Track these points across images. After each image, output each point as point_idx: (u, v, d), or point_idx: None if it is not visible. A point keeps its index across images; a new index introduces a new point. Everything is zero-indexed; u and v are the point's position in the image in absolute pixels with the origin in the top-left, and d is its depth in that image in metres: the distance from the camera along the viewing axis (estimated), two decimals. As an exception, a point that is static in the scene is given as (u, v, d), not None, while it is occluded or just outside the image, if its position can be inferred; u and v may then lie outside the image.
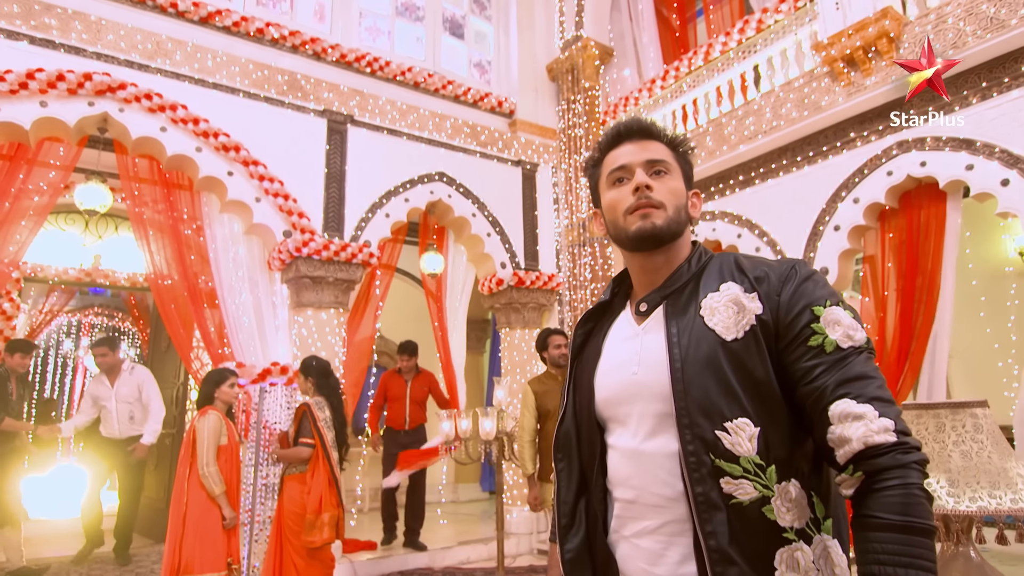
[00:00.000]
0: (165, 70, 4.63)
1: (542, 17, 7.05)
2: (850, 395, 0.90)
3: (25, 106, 4.14)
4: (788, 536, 0.92)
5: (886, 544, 0.84)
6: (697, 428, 0.95)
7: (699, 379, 0.96)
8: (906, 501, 0.85)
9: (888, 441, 0.87)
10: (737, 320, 0.98)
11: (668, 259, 1.10)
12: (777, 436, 0.94)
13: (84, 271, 6.62)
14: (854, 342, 0.94)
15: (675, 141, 1.15)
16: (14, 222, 4.53)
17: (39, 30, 4.28)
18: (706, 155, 5.26)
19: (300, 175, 5.06)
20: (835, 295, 0.99)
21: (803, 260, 1.06)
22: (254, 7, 5.33)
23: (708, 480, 0.94)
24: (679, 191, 1.10)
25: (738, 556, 0.91)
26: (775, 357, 0.97)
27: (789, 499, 0.93)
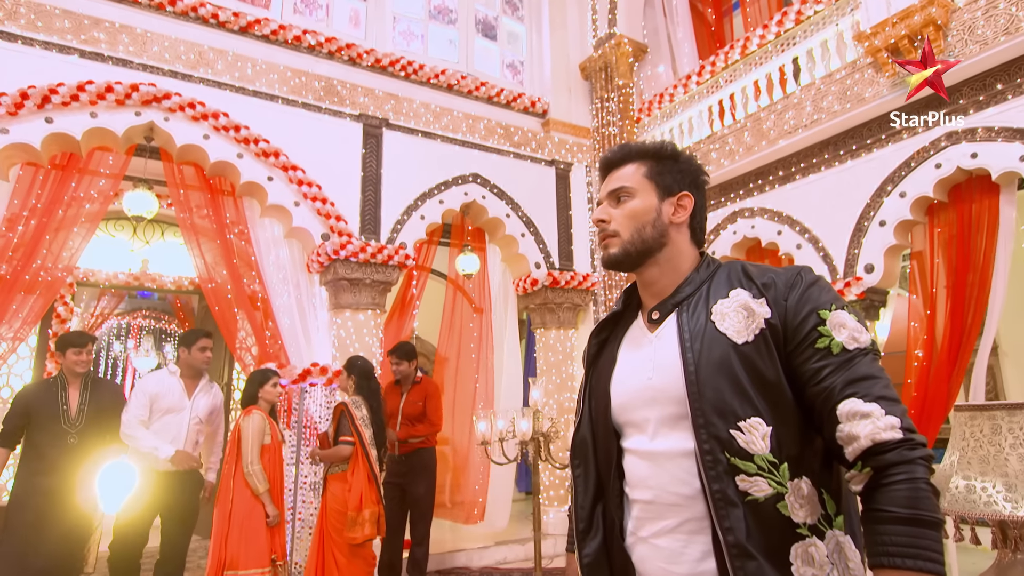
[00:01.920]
0: (207, 79, 4.77)
1: (575, 16, 7.02)
2: (857, 394, 0.94)
3: (76, 117, 4.31)
4: (802, 532, 0.96)
5: (894, 536, 0.88)
6: (712, 428, 0.99)
7: (712, 381, 1.00)
8: (913, 495, 0.89)
9: (894, 438, 0.91)
10: (747, 324, 1.02)
11: (662, 271, 1.15)
12: (788, 435, 0.98)
13: (133, 275, 6.85)
14: (859, 344, 0.98)
15: (649, 152, 1.19)
16: (68, 229, 4.71)
17: (88, 44, 4.44)
18: (744, 151, 5.17)
19: (337, 179, 5.14)
20: (840, 299, 1.03)
21: (808, 267, 1.08)
22: (291, 15, 5.44)
23: (724, 478, 0.97)
24: (637, 212, 1.15)
25: (756, 551, 0.95)
26: (784, 359, 1.01)
27: (802, 496, 0.96)
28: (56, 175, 4.56)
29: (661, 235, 1.14)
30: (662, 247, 1.15)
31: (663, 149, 1.19)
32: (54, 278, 4.51)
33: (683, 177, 1.17)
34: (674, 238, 1.15)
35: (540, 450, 4.59)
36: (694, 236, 1.18)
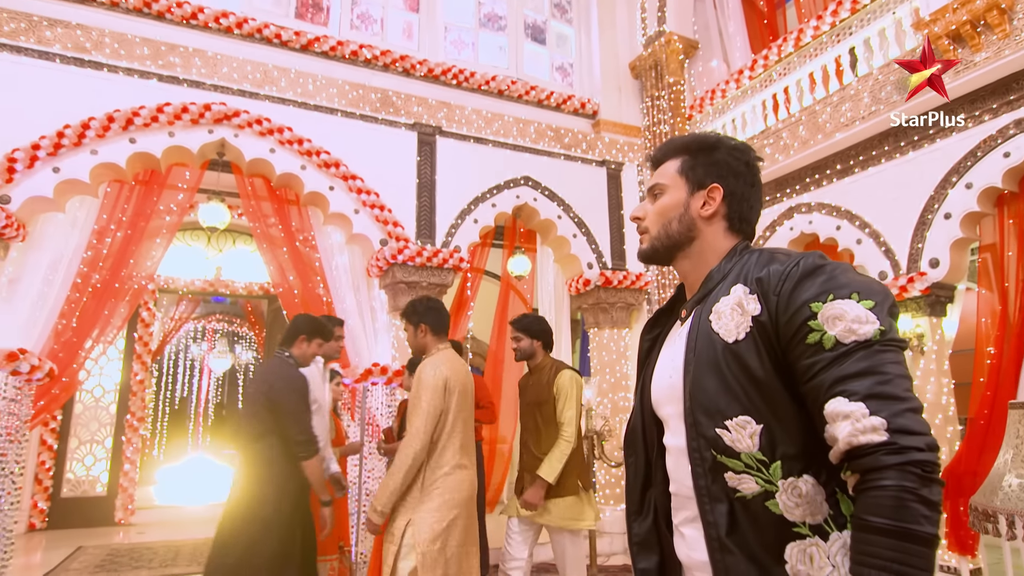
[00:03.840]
0: (272, 96, 5.05)
1: (623, 15, 7.02)
2: (844, 393, 0.88)
3: (156, 137, 4.66)
4: (800, 531, 0.93)
5: (866, 546, 0.84)
6: (700, 426, 1.01)
7: (702, 380, 1.02)
8: (877, 502, 0.84)
9: (873, 441, 0.84)
10: (739, 323, 1.01)
11: (693, 264, 1.17)
12: (784, 433, 0.96)
13: (208, 282, 7.30)
14: (858, 336, 0.90)
15: (685, 147, 1.21)
16: (150, 240, 5.10)
17: (165, 68, 4.79)
18: (799, 145, 5.07)
19: (394, 186, 5.35)
20: (843, 287, 0.94)
21: (817, 254, 1.01)
22: (348, 31, 5.69)
23: (709, 474, 1.00)
24: (666, 207, 1.18)
25: (737, 546, 0.96)
26: (779, 356, 0.97)
27: (798, 494, 0.94)
28: (139, 190, 4.94)
29: (689, 229, 1.16)
30: (691, 241, 1.16)
31: (699, 141, 1.20)
32: (139, 286, 4.89)
33: (715, 168, 1.17)
34: (704, 231, 1.16)
35: (594, 448, 4.65)
36: (732, 227, 1.16)
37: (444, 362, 2.75)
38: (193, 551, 5.35)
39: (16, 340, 4.15)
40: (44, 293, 4.40)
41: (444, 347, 2.87)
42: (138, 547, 5.59)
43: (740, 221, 1.17)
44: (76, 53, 4.55)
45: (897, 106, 4.31)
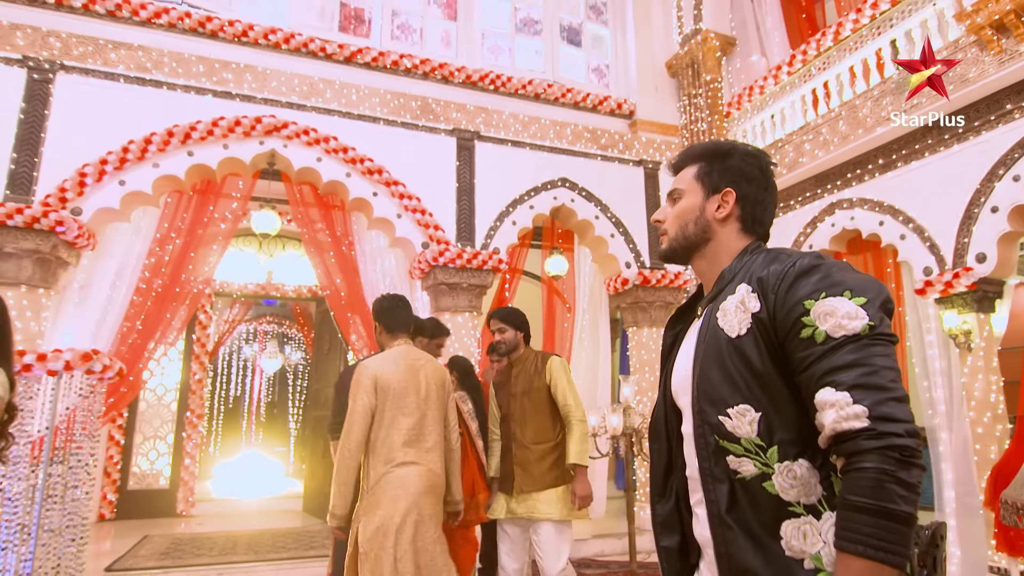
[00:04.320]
0: (319, 107, 5.28)
1: (659, 15, 7.04)
2: (832, 383, 0.95)
3: (212, 149, 4.94)
4: (795, 510, 1.01)
5: (848, 523, 0.92)
6: (704, 414, 1.10)
7: (708, 372, 1.10)
8: (858, 483, 0.91)
9: (855, 428, 0.92)
10: (741, 319, 1.09)
11: (708, 264, 1.26)
12: (781, 420, 1.04)
13: (259, 285, 7.63)
14: (847, 331, 0.97)
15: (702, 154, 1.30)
16: (207, 246, 5.39)
17: (219, 84, 5.07)
18: (839, 141, 5.02)
19: (434, 191, 5.52)
20: (836, 285, 1.01)
21: (814, 254, 1.09)
22: (389, 41, 5.89)
23: (712, 457, 1.09)
24: (683, 210, 1.27)
25: (735, 523, 1.05)
26: (777, 349, 1.05)
27: (793, 477, 1.01)
28: (196, 199, 5.23)
29: (704, 231, 1.25)
30: (706, 242, 1.25)
31: (714, 149, 1.29)
32: (198, 290, 5.18)
33: (729, 174, 1.25)
34: (718, 233, 1.24)
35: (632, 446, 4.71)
36: (746, 228, 1.24)
37: (382, 360, 2.77)
38: (249, 541, 5.63)
39: (88, 341, 4.47)
40: (111, 297, 4.71)
41: (398, 343, 2.92)
42: (199, 537, 5.91)
43: (753, 223, 1.25)
44: (138, 73, 4.86)
45: (939, 98, 4.23)
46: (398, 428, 2.69)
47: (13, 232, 4.28)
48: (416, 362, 2.85)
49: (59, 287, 4.60)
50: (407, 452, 2.68)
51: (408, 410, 2.73)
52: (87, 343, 4.44)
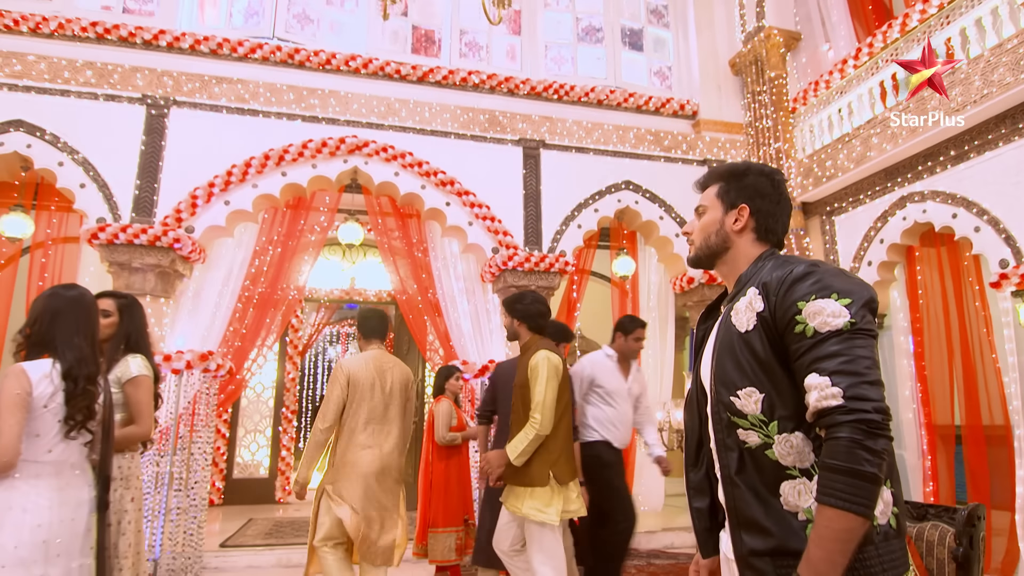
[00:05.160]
0: (395, 125, 5.71)
1: (722, 14, 7.07)
2: (817, 370, 1.17)
3: (302, 169, 5.45)
4: (792, 473, 1.22)
5: (824, 481, 1.13)
6: (719, 394, 1.32)
7: (722, 361, 1.32)
8: (834, 449, 1.12)
9: (832, 405, 1.13)
10: (749, 318, 1.30)
11: (729, 269, 1.48)
12: (780, 400, 1.24)
13: (344, 291, 8.21)
14: (831, 327, 1.18)
15: (721, 175, 1.51)
16: (299, 256, 5.95)
17: (307, 109, 5.58)
18: (907, 134, 4.96)
19: (503, 198, 5.83)
20: (825, 289, 1.21)
21: (811, 262, 1.28)
22: (458, 59, 6.26)
23: (725, 430, 1.31)
24: (706, 224, 1.50)
25: (742, 483, 1.27)
26: (777, 342, 1.26)
27: (790, 446, 1.22)
28: (289, 214, 5.78)
29: (724, 241, 1.46)
30: (726, 250, 1.47)
31: (732, 170, 1.51)
32: (292, 296, 5.72)
33: (745, 191, 1.45)
34: (736, 242, 1.45)
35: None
36: (760, 237, 1.44)
37: (358, 360, 3.33)
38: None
39: (199, 344, 5.05)
40: (219, 304, 5.30)
41: (372, 347, 3.44)
42: (297, 520, 6.49)
43: (767, 232, 1.45)
44: (238, 103, 5.44)
45: (1011, 88, 4.15)
46: (362, 417, 3.24)
47: (139, 250, 4.92)
48: (384, 364, 3.41)
49: (175, 296, 5.22)
50: (367, 437, 3.24)
51: (372, 403, 3.27)
52: (198, 345, 5.03)
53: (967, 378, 5.03)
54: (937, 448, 5.38)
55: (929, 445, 5.38)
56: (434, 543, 4.16)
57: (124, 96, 5.25)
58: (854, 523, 1.09)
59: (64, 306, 2.08)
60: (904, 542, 1.23)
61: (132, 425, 2.47)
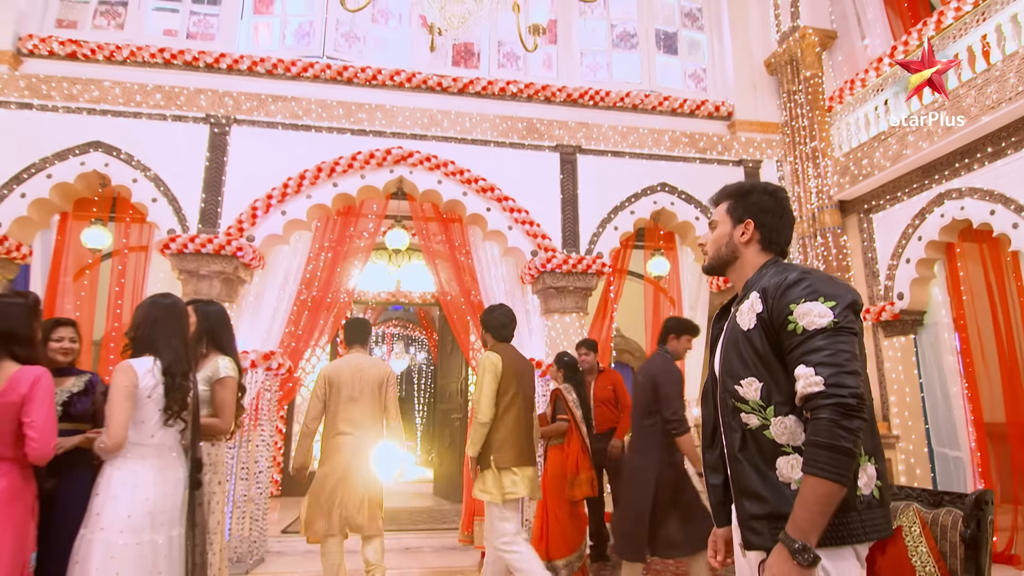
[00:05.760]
0: (438, 136, 6.01)
1: (756, 15, 7.13)
2: (804, 362, 1.37)
3: (352, 180, 5.79)
4: (786, 450, 1.42)
5: (809, 455, 1.33)
6: (726, 383, 1.54)
7: (729, 355, 1.54)
8: (816, 428, 1.32)
9: (814, 391, 1.34)
10: (750, 318, 1.52)
11: (738, 276, 1.68)
12: (776, 388, 1.45)
13: (390, 293, 8.58)
14: (817, 325, 1.38)
15: (729, 193, 1.73)
16: (349, 261, 6.30)
17: (355, 123, 5.93)
18: (942, 131, 4.98)
19: (541, 203, 6.06)
20: (813, 293, 1.42)
21: (804, 269, 1.49)
22: (496, 70, 6.51)
23: (730, 414, 1.53)
24: (717, 237, 1.71)
25: (743, 458, 1.48)
26: (774, 338, 1.47)
27: (784, 427, 1.43)
28: (340, 221, 6.14)
29: (733, 252, 1.68)
30: (735, 260, 1.68)
31: (739, 189, 1.73)
32: (343, 299, 6.07)
33: (750, 208, 1.66)
34: (743, 253, 1.66)
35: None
36: (765, 248, 1.64)
37: (337, 363, 3.94)
38: (392, 516, 6.46)
39: (260, 344, 5.44)
40: (277, 307, 5.68)
41: (353, 351, 4.00)
42: (349, 512, 6.86)
43: (770, 243, 1.66)
44: (292, 120, 5.82)
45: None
46: (340, 410, 3.80)
47: (206, 258, 5.33)
48: (360, 365, 3.92)
49: (238, 300, 5.62)
50: (344, 427, 3.79)
51: (348, 399, 3.82)
52: (260, 346, 5.41)
53: (1013, 374, 5.01)
54: (986, 445, 5.36)
55: (978, 442, 5.37)
56: (479, 530, 4.42)
57: (190, 116, 5.69)
58: (832, 489, 1.30)
59: (162, 313, 2.41)
60: (887, 511, 1.42)
61: (215, 418, 2.79)
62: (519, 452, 3.54)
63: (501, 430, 3.51)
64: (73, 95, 5.57)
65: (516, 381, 3.61)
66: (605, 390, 5.15)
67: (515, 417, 3.55)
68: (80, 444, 2.43)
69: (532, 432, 3.74)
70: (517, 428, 3.55)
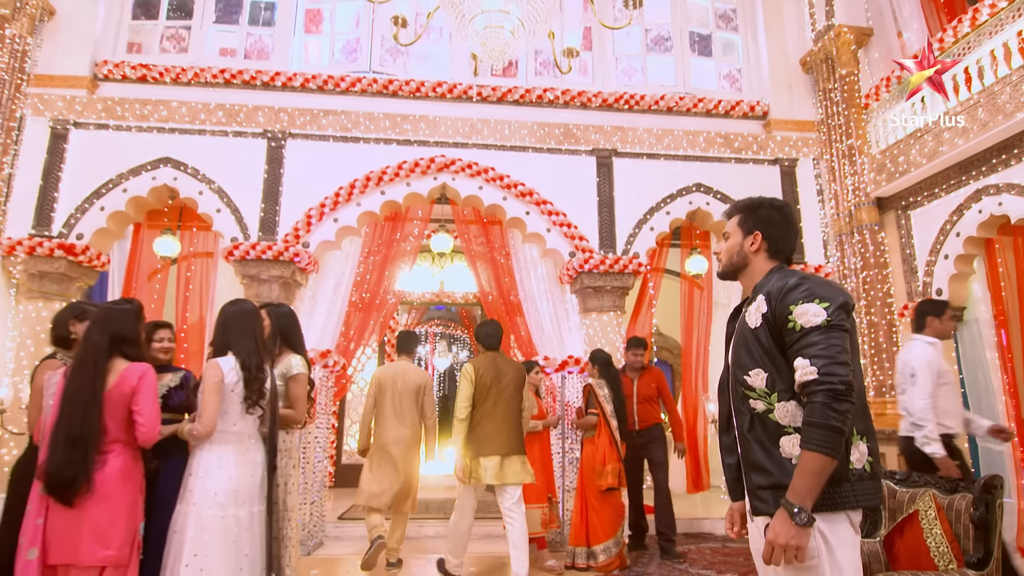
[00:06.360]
0: (478, 144, 6.29)
1: (791, 14, 7.18)
2: (802, 354, 1.62)
3: (398, 187, 6.13)
4: (788, 430, 1.66)
5: (806, 433, 1.57)
6: (736, 374, 1.77)
7: (738, 349, 1.77)
8: (811, 410, 1.56)
9: (809, 379, 1.58)
10: (757, 318, 1.74)
11: (748, 280, 1.90)
12: (779, 377, 1.69)
13: (434, 294, 8.92)
14: (813, 324, 1.62)
15: (740, 208, 1.94)
16: (396, 263, 6.64)
17: (400, 134, 6.26)
18: (978, 128, 5.00)
19: (578, 206, 6.28)
20: (809, 295, 1.65)
21: (801, 275, 1.72)
22: (533, 78, 6.76)
23: (740, 400, 1.75)
24: (730, 246, 1.92)
25: (751, 438, 1.70)
26: (777, 335, 1.70)
27: (787, 411, 1.66)
28: (388, 226, 6.49)
29: (743, 260, 1.90)
30: (745, 266, 1.90)
31: (748, 204, 1.95)
32: (392, 300, 6.42)
33: (758, 221, 1.89)
34: (752, 260, 1.88)
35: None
36: (771, 256, 1.87)
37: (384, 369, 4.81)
38: (439, 505, 6.83)
39: (316, 343, 5.82)
40: (330, 309, 6.06)
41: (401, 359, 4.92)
42: (398, 502, 7.23)
43: (776, 252, 1.88)
44: (342, 132, 6.19)
45: (1081, 81, 4.17)
46: (386, 408, 4.65)
47: (266, 264, 5.74)
48: (405, 371, 4.78)
49: (296, 302, 6.02)
50: (389, 421, 4.63)
51: (392, 398, 4.67)
52: (315, 344, 5.79)
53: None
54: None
55: (1020, 436, 5.36)
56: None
57: (249, 132, 6.12)
58: (824, 462, 1.53)
59: (231, 318, 2.77)
60: (878, 483, 1.64)
61: (289, 409, 3.13)
62: (487, 445, 4.16)
63: (475, 426, 4.21)
64: (144, 115, 6.06)
65: (493, 386, 4.24)
66: (649, 387, 5.31)
67: (485, 414, 4.21)
68: (176, 432, 2.80)
69: (509, 427, 4.24)
70: (489, 425, 4.20)
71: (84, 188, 5.87)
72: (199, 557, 2.45)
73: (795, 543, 1.52)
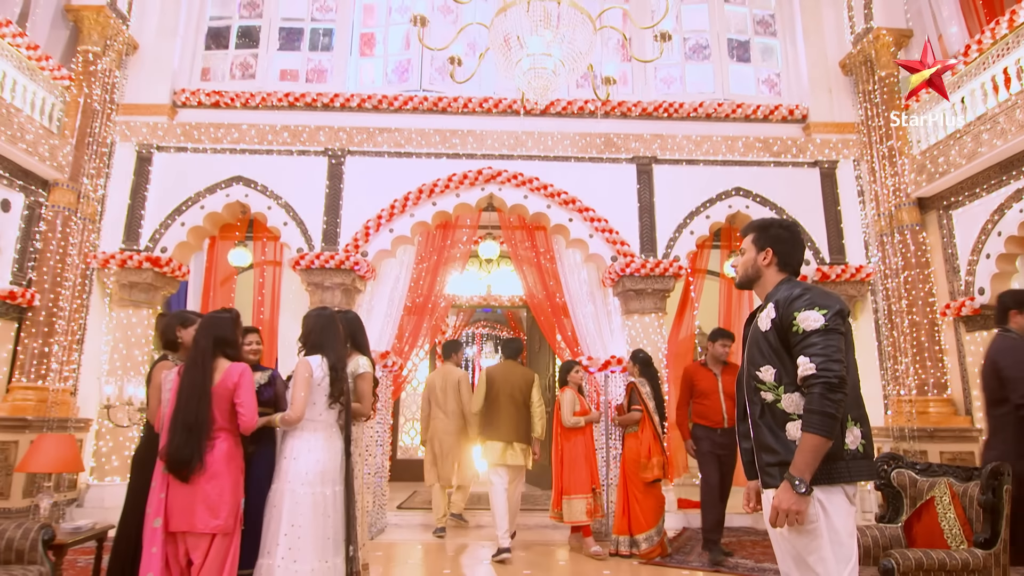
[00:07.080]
0: (523, 155, 6.65)
1: (830, 17, 7.27)
2: (803, 353, 1.90)
3: (448, 199, 6.54)
4: (792, 417, 1.93)
5: (806, 419, 1.84)
6: (749, 370, 2.05)
7: (751, 349, 2.05)
8: (811, 400, 1.83)
9: (808, 374, 1.86)
10: (767, 322, 2.01)
11: (761, 290, 2.18)
12: (786, 373, 1.96)
13: (481, 297, 9.31)
14: (813, 328, 1.90)
15: (753, 227, 2.23)
16: (447, 269, 7.05)
17: (450, 148, 6.67)
18: (1016, 129, 5.06)
19: (619, 212, 6.56)
20: (810, 304, 1.93)
21: (805, 286, 2.00)
22: (575, 90, 7.07)
23: (753, 392, 2.03)
24: (745, 261, 2.20)
25: (762, 424, 1.98)
26: (783, 336, 1.96)
27: (791, 401, 1.94)
28: (439, 234, 6.90)
29: (757, 272, 2.19)
30: (759, 278, 2.19)
31: (761, 224, 2.24)
32: (444, 304, 6.83)
33: (770, 239, 2.17)
34: (764, 273, 2.17)
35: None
36: (781, 269, 2.14)
37: (435, 373, 6.21)
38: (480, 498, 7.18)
39: (374, 344, 6.26)
40: (387, 313, 6.50)
41: (447, 364, 6.27)
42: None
43: (785, 265, 2.17)
44: (396, 148, 6.64)
45: (1116, 83, 4.23)
46: (435, 403, 6.03)
47: (329, 272, 6.23)
48: (449, 373, 6.13)
49: (355, 308, 6.49)
50: (438, 413, 6.02)
51: (439, 396, 6.03)
52: (373, 346, 6.24)
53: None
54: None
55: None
56: (568, 508, 5.01)
57: (311, 151, 6.63)
58: (819, 441, 1.82)
59: (325, 323, 3.21)
60: (871, 463, 1.91)
61: (357, 404, 3.54)
62: (494, 432, 5.29)
63: (485, 418, 5.43)
64: (218, 138, 6.64)
65: (503, 388, 5.39)
66: (733, 384, 4.95)
67: (495, 410, 5.35)
68: (268, 423, 3.24)
69: (513, 420, 5.29)
70: (499, 417, 5.31)
71: (167, 206, 6.48)
72: (295, 527, 2.88)
73: (796, 508, 1.81)
